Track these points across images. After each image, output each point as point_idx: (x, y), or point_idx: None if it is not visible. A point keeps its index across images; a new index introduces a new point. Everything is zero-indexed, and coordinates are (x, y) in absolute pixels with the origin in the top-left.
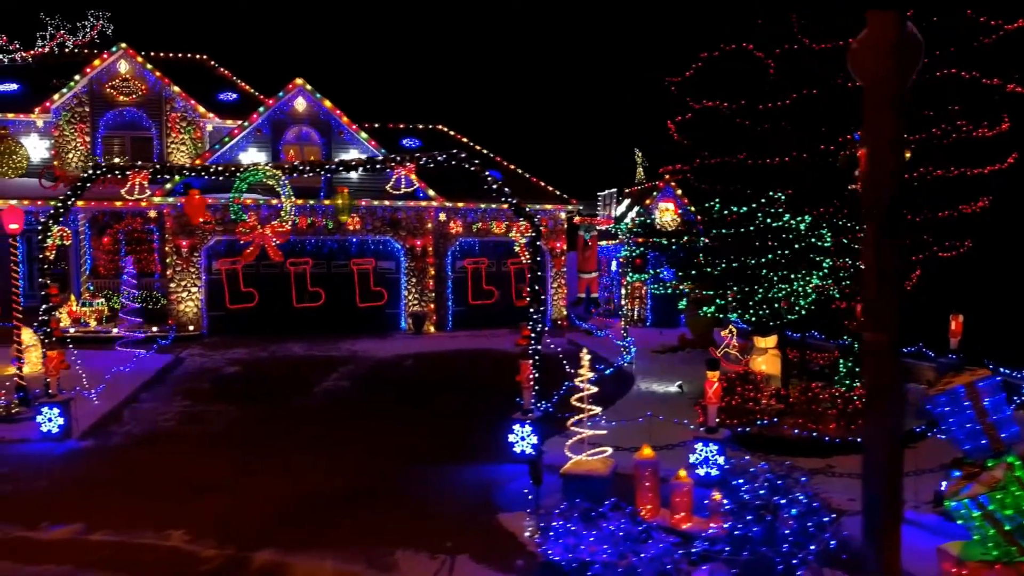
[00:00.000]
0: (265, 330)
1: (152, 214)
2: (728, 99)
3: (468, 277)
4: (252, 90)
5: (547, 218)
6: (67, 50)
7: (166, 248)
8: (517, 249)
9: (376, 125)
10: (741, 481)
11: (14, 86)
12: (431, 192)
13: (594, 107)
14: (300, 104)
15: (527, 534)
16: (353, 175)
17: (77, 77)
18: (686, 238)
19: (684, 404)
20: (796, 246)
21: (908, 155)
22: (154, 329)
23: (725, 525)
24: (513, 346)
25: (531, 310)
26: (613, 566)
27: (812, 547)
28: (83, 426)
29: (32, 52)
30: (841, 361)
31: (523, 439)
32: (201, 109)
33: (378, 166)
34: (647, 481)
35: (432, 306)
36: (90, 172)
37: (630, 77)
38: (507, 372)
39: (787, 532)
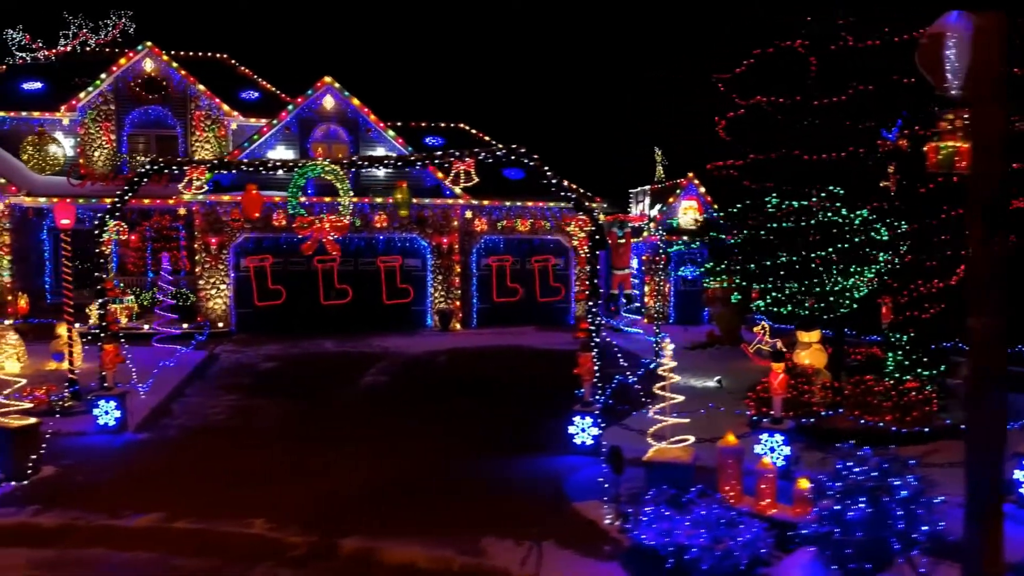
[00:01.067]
0: (293, 327)
1: (182, 211)
2: (783, 95)
3: (493, 275)
4: (273, 88)
5: (571, 216)
6: (89, 49)
7: (195, 245)
8: (576, 243)
9: (399, 124)
10: (851, 463)
11: (38, 85)
12: (457, 190)
13: (614, 106)
14: (328, 102)
15: (607, 521)
16: (381, 173)
17: (103, 75)
18: (746, 233)
19: (727, 398)
20: (854, 240)
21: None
22: (184, 326)
23: (814, 510)
24: (543, 343)
25: (590, 303)
26: (710, 550)
27: (924, 528)
28: (136, 419)
29: (55, 51)
30: (890, 355)
31: (584, 430)
32: (226, 107)
33: (437, 161)
34: (730, 468)
35: (458, 303)
36: (147, 167)
37: (649, 76)
38: (543, 368)
39: (900, 514)
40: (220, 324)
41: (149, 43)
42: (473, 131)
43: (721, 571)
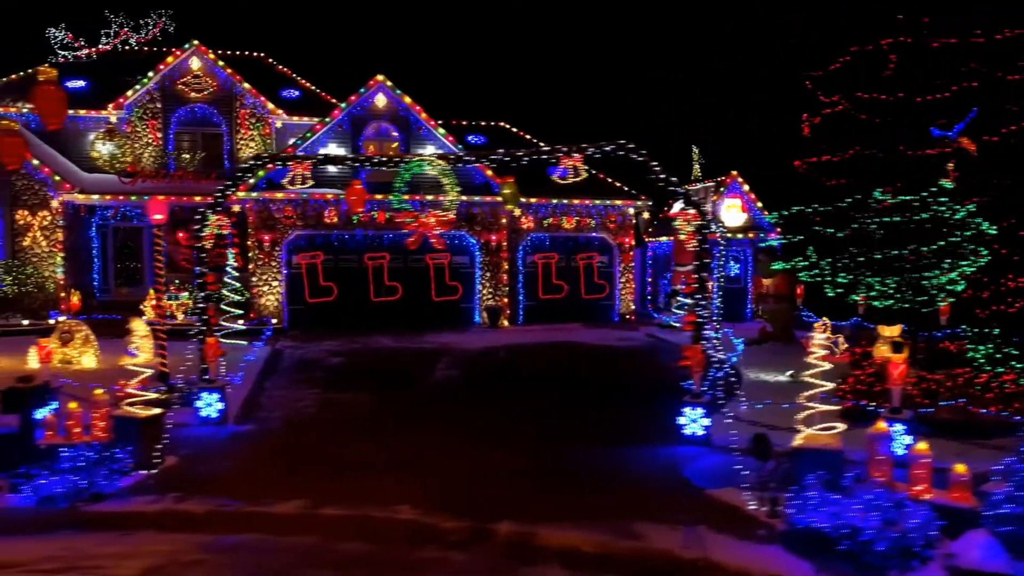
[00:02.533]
0: (344, 324)
1: (236, 208)
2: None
3: (538, 272)
4: (312, 87)
5: (616, 214)
6: (129, 48)
7: (248, 243)
8: (684, 237)
9: (440, 122)
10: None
11: (81, 83)
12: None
13: (649, 105)
14: (380, 100)
15: (752, 507)
16: (431, 171)
17: (151, 74)
18: (853, 228)
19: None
20: (960, 234)
21: None
22: (240, 323)
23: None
24: (596, 339)
25: (697, 296)
26: (883, 532)
27: None
28: (232, 411)
29: (96, 49)
30: (981, 348)
31: (694, 421)
32: (271, 106)
33: (543, 156)
34: (880, 455)
35: (505, 300)
36: (251, 163)
37: (689, 76)
38: (606, 362)
39: None
40: (274, 320)
41: (196, 41)
42: (514, 129)
43: (895, 553)
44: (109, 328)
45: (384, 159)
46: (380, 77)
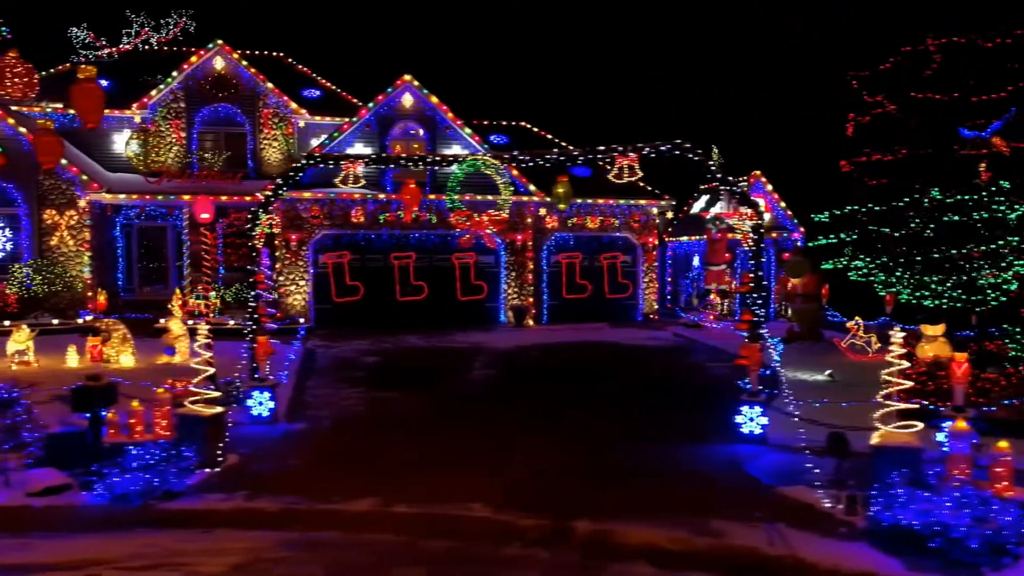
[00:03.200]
0: (370, 323)
1: None
2: (941, 92)
3: (562, 271)
4: (333, 86)
5: (639, 213)
6: (150, 47)
7: (275, 242)
8: (740, 236)
9: (464, 121)
10: None
11: (103, 82)
12: (532, 187)
13: (666, 104)
14: (407, 100)
15: (827, 504)
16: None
17: (174, 73)
18: (913, 226)
19: (845, 390)
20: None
21: None
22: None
23: None
24: (625, 338)
25: (754, 295)
26: (974, 529)
27: None
28: (280, 410)
29: (117, 49)
30: None
31: (752, 420)
32: (294, 105)
33: (599, 155)
34: (961, 453)
35: (530, 300)
36: (302, 162)
37: (706, 77)
38: (641, 361)
39: None
40: (302, 319)
41: (220, 41)
42: (535, 129)
43: (987, 551)
44: (136, 327)
45: (438, 159)
46: (407, 77)
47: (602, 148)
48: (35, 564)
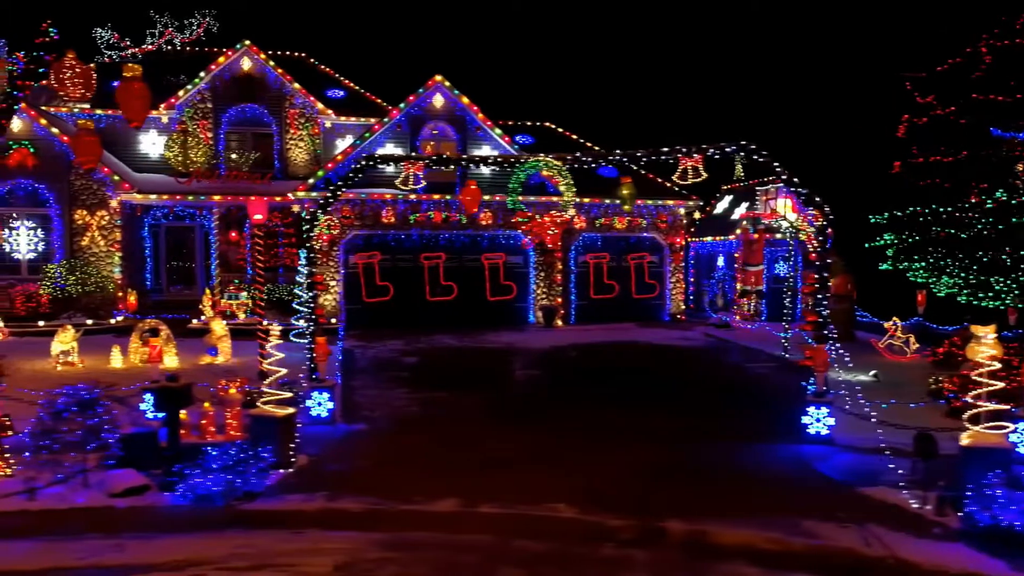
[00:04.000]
0: (401, 323)
1: (296, 208)
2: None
3: (590, 272)
4: (356, 87)
5: (667, 214)
6: (173, 47)
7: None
8: (804, 238)
9: (491, 122)
10: None
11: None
12: (562, 187)
13: (697, 106)
14: (438, 100)
15: (915, 505)
16: (486, 170)
17: (202, 74)
18: (981, 226)
19: (889, 390)
20: None
21: None
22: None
23: None
24: (657, 338)
25: (818, 296)
26: None
27: None
28: (336, 411)
29: (141, 49)
30: None
31: (819, 420)
32: (320, 106)
33: (663, 156)
34: None
35: (559, 300)
36: (362, 162)
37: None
38: (681, 362)
39: None
40: (333, 320)
41: (247, 42)
42: (559, 129)
43: None
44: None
45: (499, 160)
46: (438, 78)
47: (666, 149)
48: (136, 565)
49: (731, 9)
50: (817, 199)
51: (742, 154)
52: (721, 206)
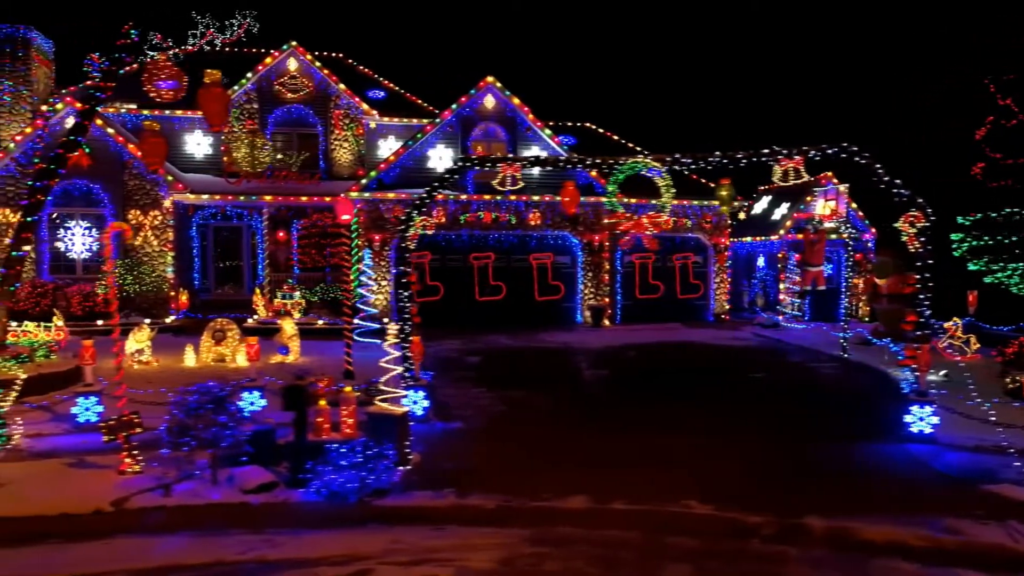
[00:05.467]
0: (452, 322)
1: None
2: None
3: (635, 272)
4: (397, 87)
5: (711, 214)
6: (214, 48)
7: (359, 242)
8: (905, 239)
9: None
10: None
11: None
12: (610, 187)
13: (735, 105)
14: (489, 101)
15: None
16: (536, 170)
17: (248, 75)
18: None
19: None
20: None
21: None
22: (355, 321)
23: None
24: (708, 338)
25: (920, 296)
26: None
27: None
28: (429, 409)
29: (182, 50)
30: None
31: (922, 419)
32: (365, 106)
33: (764, 158)
34: None
35: (606, 300)
36: (458, 163)
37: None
38: (743, 361)
39: None
40: (385, 319)
41: (294, 42)
42: (600, 130)
43: None
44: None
45: (599, 161)
46: (490, 79)
47: (766, 151)
48: (297, 559)
49: (790, 9)
50: (919, 200)
51: (844, 156)
52: (759, 207)
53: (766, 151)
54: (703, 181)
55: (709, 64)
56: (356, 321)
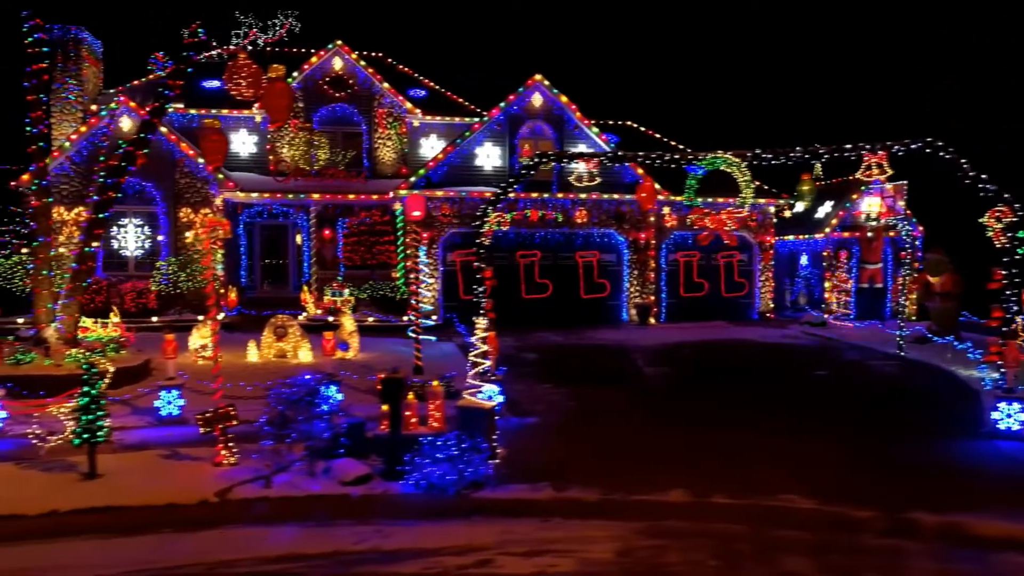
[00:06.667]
0: (498, 320)
1: (397, 207)
2: None
3: (680, 270)
4: (437, 86)
5: (756, 212)
6: (256, 47)
7: (407, 240)
8: (991, 234)
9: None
10: None
11: (216, 83)
12: (657, 185)
13: (775, 103)
14: (537, 100)
15: None
16: (582, 167)
17: (295, 73)
18: None
19: None
20: None
21: None
22: (405, 318)
23: None
24: (756, 336)
25: (1008, 292)
26: None
27: None
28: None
29: (226, 49)
30: None
31: (1010, 416)
32: (408, 105)
33: (847, 153)
34: None
35: (652, 298)
36: (533, 160)
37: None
38: (801, 360)
39: None
40: (433, 317)
41: (339, 41)
42: (641, 128)
43: None
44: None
45: (676, 157)
46: (538, 77)
47: (849, 146)
48: (414, 549)
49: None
50: (1007, 195)
51: (927, 151)
52: (801, 205)
53: (848, 146)
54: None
55: (742, 60)
56: (413, 317)
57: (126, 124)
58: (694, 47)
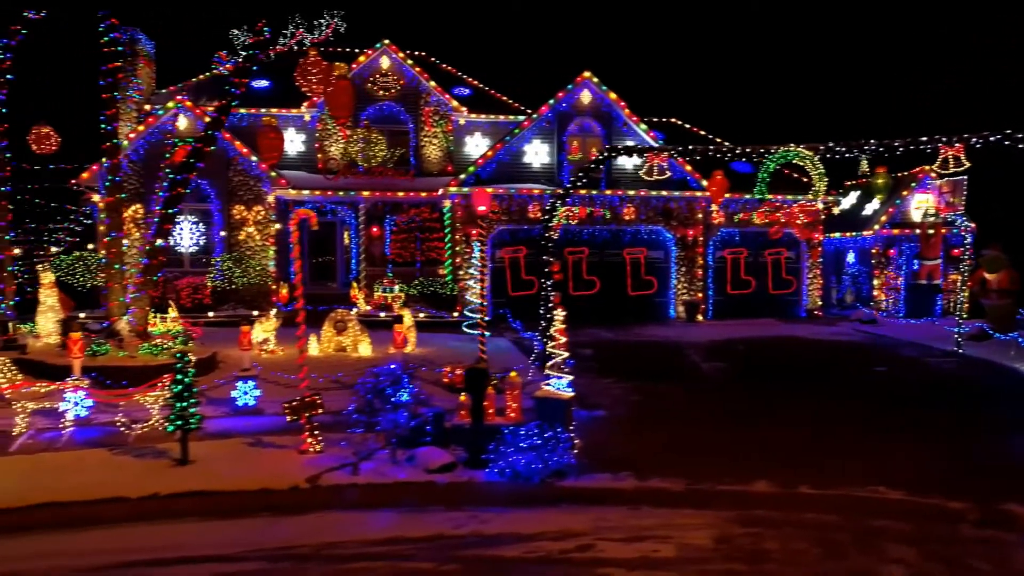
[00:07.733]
0: None
1: (447, 204)
2: None
3: (727, 267)
4: (481, 84)
5: (799, 207)
6: (302, 47)
7: (456, 236)
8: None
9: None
10: None
11: (265, 83)
12: (704, 182)
13: (822, 98)
14: (586, 96)
15: None
16: (629, 164)
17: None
18: None
19: None
20: None
21: None
22: (455, 314)
23: None
24: (805, 333)
25: None
26: None
27: None
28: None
29: (273, 49)
30: None
31: None
32: (455, 103)
33: (923, 145)
34: None
35: (699, 295)
36: (605, 153)
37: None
38: (857, 357)
39: None
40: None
41: (387, 40)
42: (686, 125)
43: None
44: (320, 320)
45: (747, 151)
46: (587, 74)
47: (924, 139)
48: (514, 534)
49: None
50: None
51: (1007, 143)
52: (847, 202)
53: (924, 139)
54: (795, 176)
55: (741, 60)
56: (466, 312)
57: (183, 123)
58: (694, 47)
